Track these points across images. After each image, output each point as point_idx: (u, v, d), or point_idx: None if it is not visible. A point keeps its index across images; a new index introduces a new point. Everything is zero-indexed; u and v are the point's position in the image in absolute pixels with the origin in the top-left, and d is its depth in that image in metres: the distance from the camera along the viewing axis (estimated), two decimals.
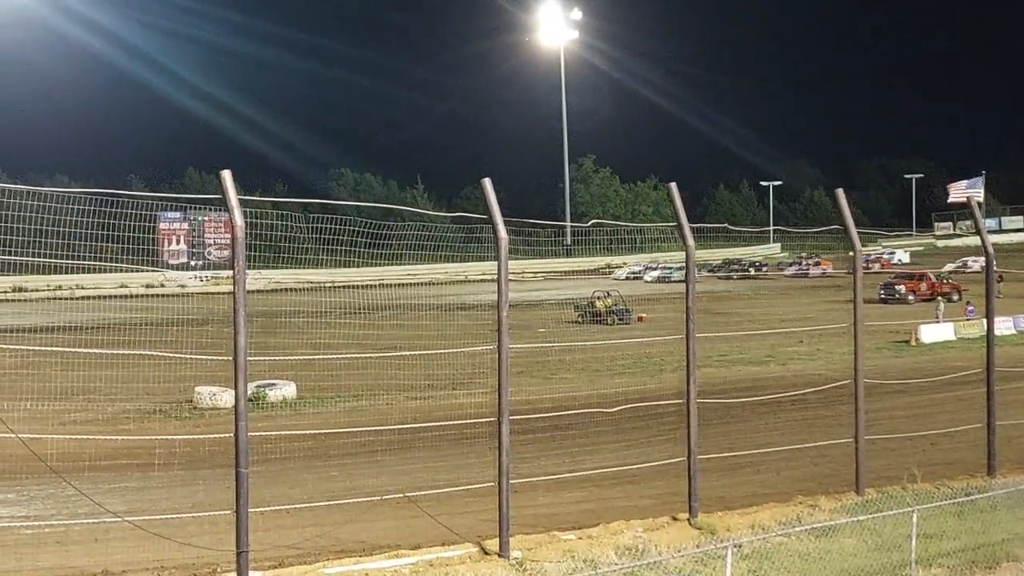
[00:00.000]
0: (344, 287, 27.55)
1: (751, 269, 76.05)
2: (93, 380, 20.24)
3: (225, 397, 25.27)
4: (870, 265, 62.94)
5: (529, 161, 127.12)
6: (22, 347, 15.39)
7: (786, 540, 12.89)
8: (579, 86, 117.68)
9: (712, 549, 11.98)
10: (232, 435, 10.78)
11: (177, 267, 51.65)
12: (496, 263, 12.52)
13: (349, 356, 20.54)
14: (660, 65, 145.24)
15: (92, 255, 15.73)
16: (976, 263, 61.42)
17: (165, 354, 15.09)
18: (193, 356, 14.58)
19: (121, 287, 44.18)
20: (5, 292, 40.64)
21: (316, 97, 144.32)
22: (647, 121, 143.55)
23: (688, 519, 13.87)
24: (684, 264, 14.26)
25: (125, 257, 18.78)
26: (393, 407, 24.90)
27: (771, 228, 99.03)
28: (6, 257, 18.33)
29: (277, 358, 20.48)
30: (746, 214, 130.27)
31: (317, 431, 19.88)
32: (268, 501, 13.18)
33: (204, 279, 49.53)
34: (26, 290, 43.68)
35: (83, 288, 41.83)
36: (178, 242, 56.28)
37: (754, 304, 53.15)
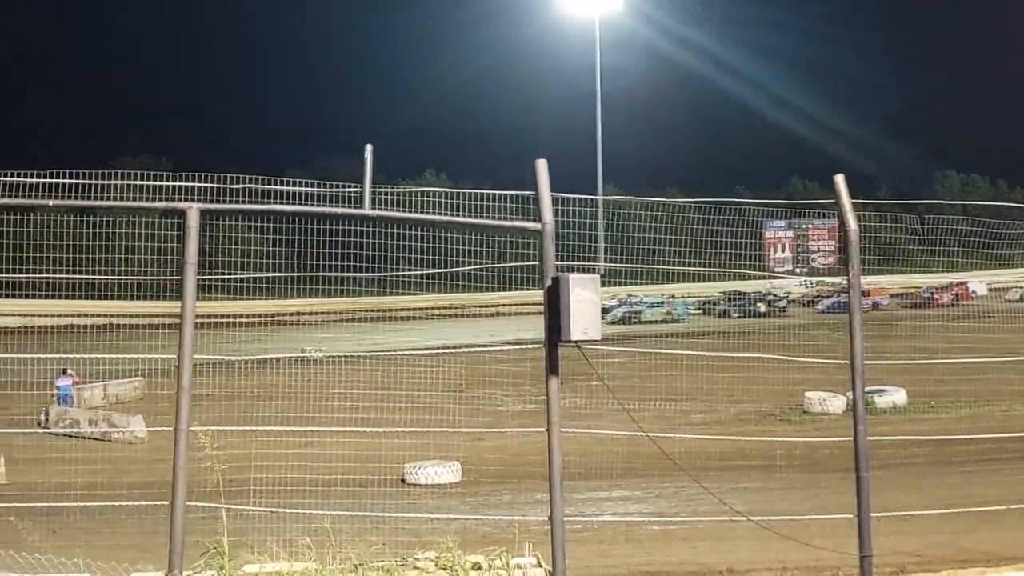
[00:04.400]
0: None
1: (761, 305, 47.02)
2: (713, 382, 21.11)
3: (834, 403, 25.39)
4: None
5: None
6: (658, 350, 16.34)
7: None
8: None
9: None
10: (851, 439, 10.78)
11: (782, 274, 52.36)
12: None
13: (962, 361, 19.78)
14: None
15: (702, 262, 16.48)
16: None
17: (781, 357, 15.34)
18: (808, 360, 14.74)
19: None
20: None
21: (907, 101, 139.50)
22: None
23: None
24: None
25: (733, 263, 19.54)
26: (1013, 414, 23.66)
27: None
28: (619, 264, 19.80)
29: (886, 362, 20.13)
30: None
31: (932, 437, 19.39)
32: (885, 506, 13.03)
33: (810, 285, 49.87)
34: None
35: (694, 296, 43.94)
36: (783, 250, 56.97)
37: None
